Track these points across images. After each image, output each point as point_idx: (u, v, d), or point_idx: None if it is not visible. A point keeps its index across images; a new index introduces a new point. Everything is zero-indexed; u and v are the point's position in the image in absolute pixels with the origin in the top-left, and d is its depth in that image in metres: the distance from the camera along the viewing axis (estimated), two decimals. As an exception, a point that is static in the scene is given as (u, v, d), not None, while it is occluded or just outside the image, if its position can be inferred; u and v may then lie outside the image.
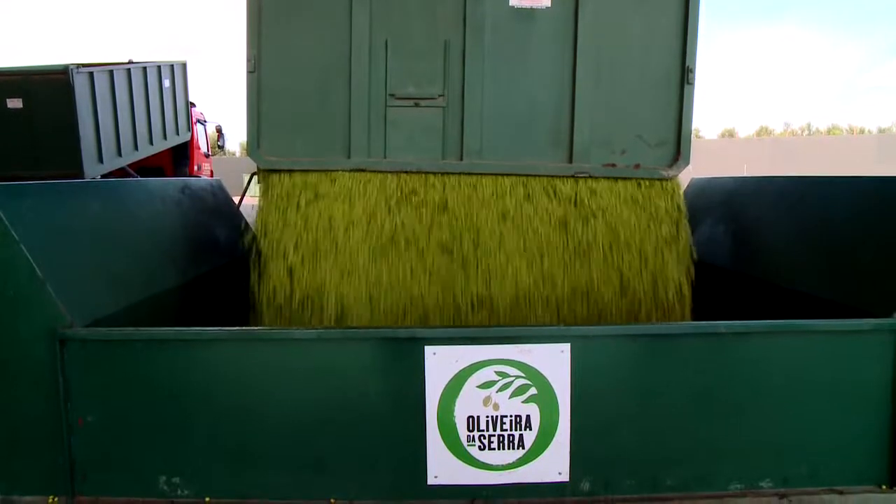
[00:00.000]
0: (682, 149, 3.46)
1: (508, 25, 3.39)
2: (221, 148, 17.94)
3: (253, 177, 3.72)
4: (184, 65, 12.71)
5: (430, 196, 3.45)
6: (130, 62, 10.70)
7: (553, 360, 2.41)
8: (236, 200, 4.93)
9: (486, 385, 2.42)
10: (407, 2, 3.39)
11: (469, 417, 2.43)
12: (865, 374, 2.47)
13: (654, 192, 3.50)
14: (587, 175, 3.48)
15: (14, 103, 9.07)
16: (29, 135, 9.05)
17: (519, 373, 2.42)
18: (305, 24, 3.39)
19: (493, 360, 2.41)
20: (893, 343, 2.45)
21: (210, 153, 15.49)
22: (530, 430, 2.44)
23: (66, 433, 2.40)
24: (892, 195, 2.89)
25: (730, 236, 4.03)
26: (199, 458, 2.44)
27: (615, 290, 3.45)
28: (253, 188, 3.99)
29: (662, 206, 3.49)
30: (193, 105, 13.59)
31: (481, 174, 3.46)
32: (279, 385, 2.43)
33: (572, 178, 3.48)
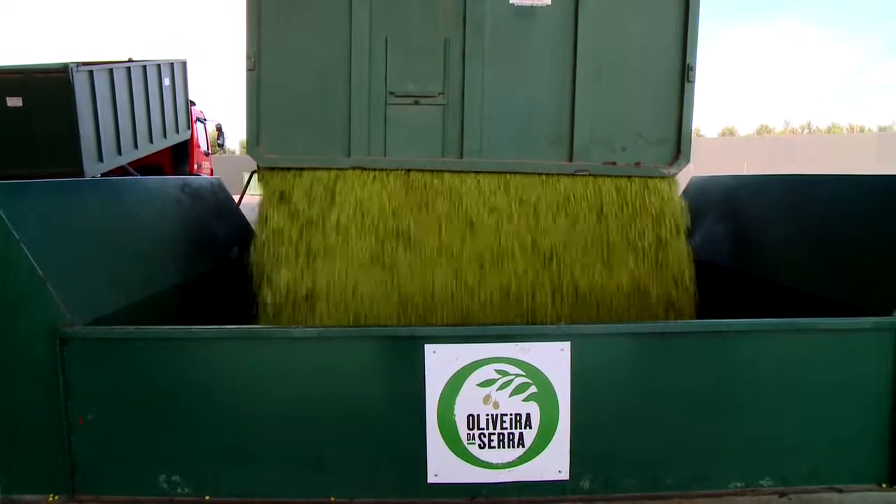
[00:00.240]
0: (682, 147, 3.45)
1: (509, 23, 3.39)
2: (221, 146, 17.91)
3: (253, 175, 3.72)
4: (184, 63, 12.70)
5: (430, 194, 3.45)
6: (130, 61, 10.69)
7: (553, 359, 2.41)
8: (236, 199, 4.94)
9: (487, 383, 2.42)
10: None
11: (469, 416, 2.43)
12: (865, 372, 2.47)
13: (655, 190, 3.49)
14: (587, 173, 3.47)
15: (14, 102, 9.06)
16: (29, 133, 9.03)
17: (519, 371, 2.42)
18: (305, 21, 3.39)
19: (493, 358, 2.41)
20: (893, 342, 2.45)
21: (210, 151, 15.47)
22: (530, 428, 2.44)
23: (67, 431, 2.41)
24: (892, 194, 2.89)
25: (730, 235, 4.03)
26: (200, 456, 2.44)
27: (614, 289, 3.45)
28: (253, 186, 3.99)
29: (662, 204, 3.48)
30: (193, 103, 13.57)
31: (481, 172, 3.46)
32: (279, 383, 2.44)
33: (572, 175, 3.48)
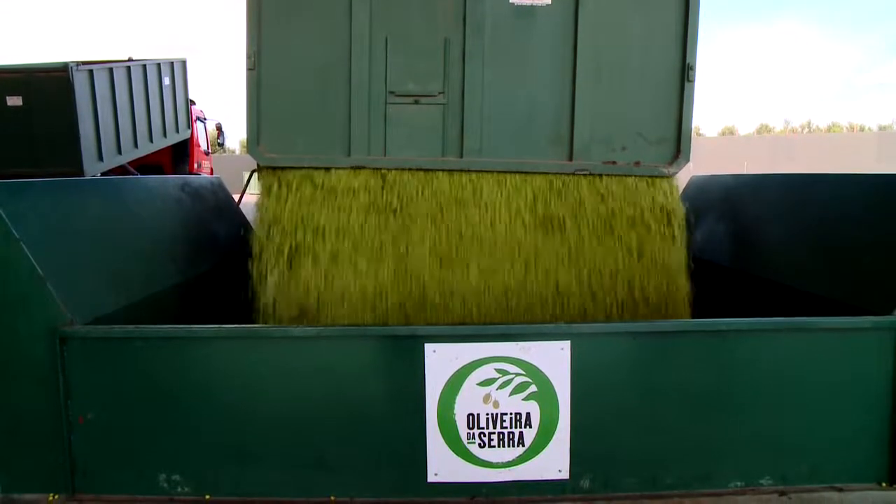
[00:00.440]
0: (682, 146, 3.45)
1: (509, 23, 3.38)
2: (221, 146, 17.90)
3: (253, 174, 3.72)
4: (183, 63, 12.70)
5: (430, 194, 3.45)
6: (130, 60, 10.68)
7: (553, 358, 2.41)
8: (236, 198, 4.94)
9: (486, 382, 2.42)
10: None
11: (469, 415, 2.43)
12: (865, 371, 2.47)
13: (654, 189, 3.49)
14: (587, 172, 3.47)
15: (14, 101, 9.07)
16: (29, 132, 9.04)
17: (519, 370, 2.42)
18: (305, 21, 3.38)
19: (493, 357, 2.41)
20: (893, 341, 2.45)
21: (210, 151, 15.47)
22: (530, 427, 2.44)
23: (67, 431, 2.41)
24: (892, 193, 2.89)
25: (730, 234, 4.03)
26: (200, 455, 2.44)
27: (613, 288, 3.44)
28: (253, 185, 3.99)
29: (662, 203, 3.48)
30: (193, 103, 13.57)
31: (481, 171, 3.46)
32: (279, 383, 2.43)
33: (572, 175, 3.47)
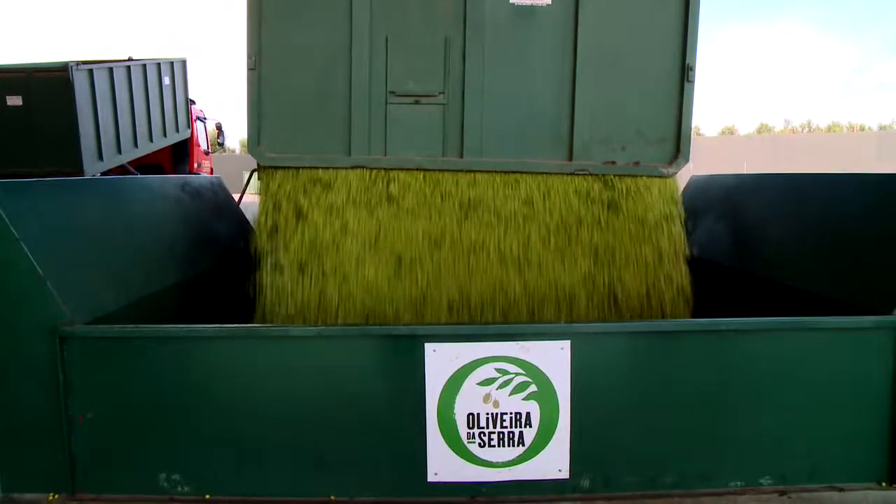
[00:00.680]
0: (681, 146, 3.45)
1: (509, 23, 3.39)
2: (221, 145, 17.89)
3: (253, 174, 3.72)
4: (183, 62, 12.70)
5: (430, 193, 3.45)
6: (130, 60, 10.68)
7: (553, 357, 2.41)
8: (236, 198, 4.94)
9: (487, 382, 2.42)
10: None
11: (469, 415, 2.43)
12: (865, 371, 2.47)
13: (654, 189, 3.49)
14: (587, 172, 3.47)
15: (14, 101, 9.06)
16: (29, 132, 9.03)
17: (519, 370, 2.42)
18: (306, 21, 3.38)
19: (493, 357, 2.41)
20: (893, 341, 2.44)
21: (210, 150, 15.47)
22: (530, 427, 2.44)
23: (67, 430, 2.40)
24: (892, 193, 2.89)
25: (730, 234, 4.03)
26: (200, 455, 2.44)
27: (614, 288, 3.44)
28: (253, 185, 3.99)
29: (661, 203, 3.48)
30: (193, 102, 13.57)
31: (481, 171, 3.46)
32: (279, 382, 2.43)
33: (572, 175, 3.47)
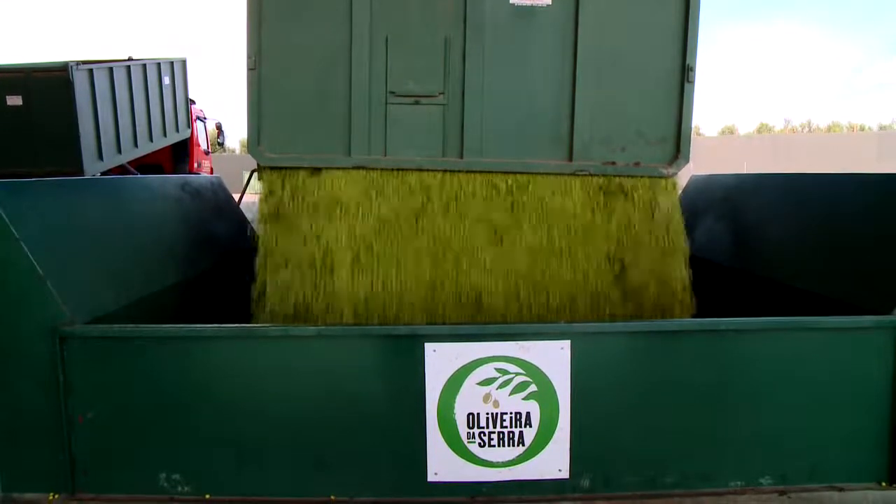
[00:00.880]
0: (681, 147, 3.45)
1: (509, 23, 3.39)
2: (221, 145, 17.88)
3: (253, 174, 3.72)
4: (183, 62, 12.69)
5: (430, 193, 3.45)
6: (130, 59, 10.68)
7: (553, 357, 2.41)
8: (236, 198, 4.94)
9: (487, 382, 2.42)
10: None
11: (469, 414, 2.43)
12: (865, 371, 2.48)
13: (653, 189, 3.49)
14: (587, 173, 3.47)
15: (14, 100, 9.05)
16: (29, 132, 9.02)
17: (519, 370, 2.42)
18: (306, 21, 3.38)
19: (493, 356, 2.41)
20: (893, 340, 2.45)
21: (210, 150, 15.46)
22: (530, 426, 2.45)
23: (67, 430, 2.41)
24: (892, 193, 2.89)
25: (730, 233, 4.03)
26: (200, 454, 2.45)
27: (614, 288, 3.44)
28: (253, 185, 3.99)
29: (661, 202, 3.48)
30: (193, 102, 13.56)
31: (481, 172, 3.46)
32: (279, 382, 2.44)
33: (572, 175, 3.47)
